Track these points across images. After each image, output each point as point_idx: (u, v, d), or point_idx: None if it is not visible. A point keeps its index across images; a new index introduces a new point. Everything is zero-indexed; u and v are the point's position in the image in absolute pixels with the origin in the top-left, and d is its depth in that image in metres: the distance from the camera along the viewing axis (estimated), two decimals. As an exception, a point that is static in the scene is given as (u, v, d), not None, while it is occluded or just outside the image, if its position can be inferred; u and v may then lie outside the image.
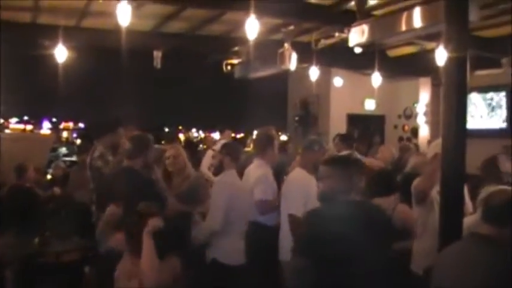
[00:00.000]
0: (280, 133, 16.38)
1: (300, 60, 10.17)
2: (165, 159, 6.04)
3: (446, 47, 3.97)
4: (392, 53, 12.40)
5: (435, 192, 4.40)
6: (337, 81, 13.40)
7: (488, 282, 2.90)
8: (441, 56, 4.06)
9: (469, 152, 6.10)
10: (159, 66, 10.50)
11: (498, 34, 10.01)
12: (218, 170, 5.83)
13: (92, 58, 12.70)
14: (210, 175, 7.85)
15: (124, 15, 6.56)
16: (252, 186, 5.81)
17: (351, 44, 7.73)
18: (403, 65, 12.63)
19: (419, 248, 4.84)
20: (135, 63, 11.86)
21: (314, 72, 10.76)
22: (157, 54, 10.42)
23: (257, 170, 5.96)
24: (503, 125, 12.22)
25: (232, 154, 5.53)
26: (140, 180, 5.13)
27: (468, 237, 3.32)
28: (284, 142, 10.96)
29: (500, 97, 12.34)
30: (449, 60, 3.91)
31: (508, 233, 3.02)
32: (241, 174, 6.09)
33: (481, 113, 12.63)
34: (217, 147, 7.82)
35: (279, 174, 6.19)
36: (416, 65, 12.36)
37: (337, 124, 13.05)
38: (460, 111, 3.85)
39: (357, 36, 7.46)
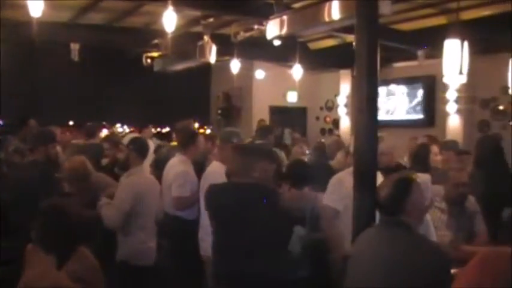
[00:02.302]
0: (205, 126, 16.33)
1: (221, 53, 10.15)
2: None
3: (356, 39, 4.03)
4: (314, 45, 12.58)
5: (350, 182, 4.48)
6: (259, 74, 13.46)
7: (397, 264, 2.99)
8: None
9: (388, 142, 6.30)
10: (76, 58, 10.24)
11: (415, 27, 10.31)
12: (125, 166, 5.61)
13: (7, 51, 12.23)
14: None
15: (36, 6, 6.34)
16: (171, 181, 5.77)
17: (268, 36, 7.77)
18: (324, 58, 12.84)
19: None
20: (53, 56, 11.53)
21: (235, 65, 10.78)
22: (74, 47, 10.16)
23: (177, 165, 5.90)
24: (420, 115, 12.59)
25: (139, 150, 5.35)
26: (43, 173, 5.15)
27: (380, 222, 3.41)
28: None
29: (417, 88, 12.70)
30: (360, 52, 3.98)
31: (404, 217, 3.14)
32: (163, 167, 6.09)
33: (400, 104, 12.98)
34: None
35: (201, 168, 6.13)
36: (337, 58, 12.56)
37: (260, 117, 13.11)
38: (370, 102, 3.91)
39: (275, 28, 7.51)
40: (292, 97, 14.05)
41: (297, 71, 11.28)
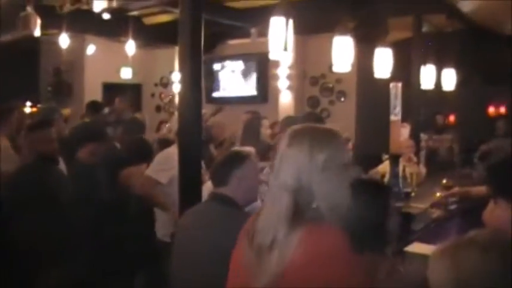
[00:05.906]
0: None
1: (50, 26, 9.63)
2: None
3: (180, 15, 4.01)
4: (149, 20, 12.33)
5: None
6: (90, 49, 12.96)
7: (220, 237, 2.99)
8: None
9: (226, 118, 6.37)
10: None
11: (249, 5, 10.45)
12: None
13: None
14: None
15: None
16: None
17: (96, 9, 7.48)
18: (159, 33, 12.60)
19: (162, 216, 4.93)
20: None
21: (64, 39, 10.28)
22: None
23: None
24: (254, 92, 12.87)
25: None
26: None
27: (208, 197, 3.42)
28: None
29: (251, 65, 12.95)
30: (183, 29, 3.97)
31: (229, 192, 3.17)
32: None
33: (235, 80, 13.17)
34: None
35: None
36: (172, 33, 12.35)
37: (93, 93, 12.64)
38: (195, 78, 3.91)
39: (102, 1, 7.25)
40: (126, 73, 13.68)
41: (130, 46, 11.03)
